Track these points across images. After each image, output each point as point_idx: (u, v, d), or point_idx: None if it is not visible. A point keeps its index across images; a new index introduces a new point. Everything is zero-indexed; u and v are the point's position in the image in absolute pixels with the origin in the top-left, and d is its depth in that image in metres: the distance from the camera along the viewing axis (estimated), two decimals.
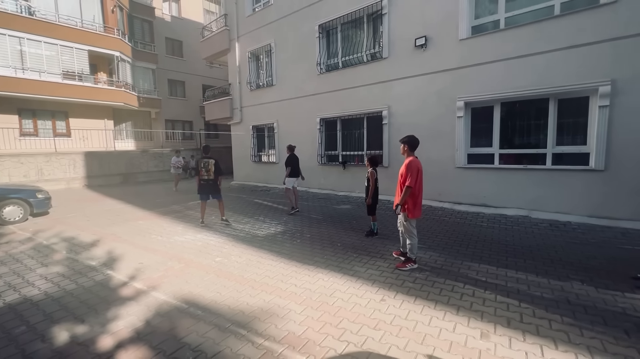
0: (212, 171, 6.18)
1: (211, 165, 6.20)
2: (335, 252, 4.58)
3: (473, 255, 4.32)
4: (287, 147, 7.44)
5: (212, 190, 6.29)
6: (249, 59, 12.14)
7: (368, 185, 5.37)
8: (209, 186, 6.26)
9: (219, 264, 4.19)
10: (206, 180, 6.24)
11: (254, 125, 12.30)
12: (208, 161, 6.23)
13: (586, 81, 5.57)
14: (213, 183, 6.24)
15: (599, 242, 4.79)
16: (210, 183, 6.24)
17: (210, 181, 6.22)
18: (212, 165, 6.20)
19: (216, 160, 6.30)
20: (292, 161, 7.29)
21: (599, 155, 5.53)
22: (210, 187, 6.26)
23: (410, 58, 7.71)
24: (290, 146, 7.43)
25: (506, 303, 3.01)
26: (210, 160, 6.23)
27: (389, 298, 3.17)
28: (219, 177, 6.28)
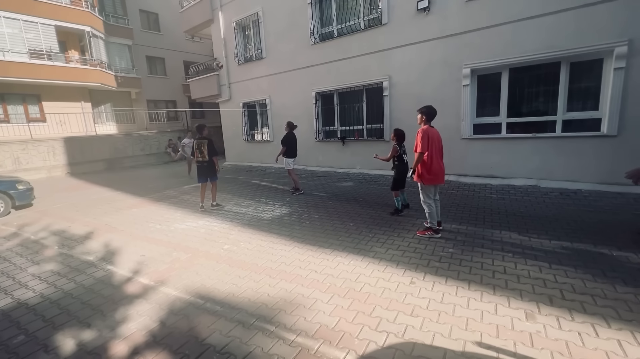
0: (206, 152, 5.79)
1: (204, 146, 5.80)
2: (349, 233, 4.37)
3: (492, 229, 4.18)
4: (287, 124, 7.01)
5: (209, 172, 5.95)
6: (235, 31, 11.29)
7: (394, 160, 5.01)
8: (204, 168, 5.93)
9: (228, 252, 3.92)
10: (201, 162, 5.88)
11: (244, 102, 11.67)
12: (202, 142, 5.83)
13: (601, 42, 5.28)
14: (208, 165, 5.88)
15: (613, 209, 4.73)
16: (205, 165, 5.88)
17: (205, 162, 5.85)
18: (205, 146, 5.80)
19: (210, 140, 5.88)
20: (289, 140, 6.91)
21: (611, 120, 5.36)
22: (206, 169, 5.92)
23: (411, 23, 7.22)
24: (289, 123, 7.00)
25: (542, 279, 2.88)
26: (203, 141, 5.82)
27: (418, 280, 2.99)
28: (214, 157, 5.90)
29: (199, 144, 5.84)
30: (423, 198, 4.10)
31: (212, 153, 5.88)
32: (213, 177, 6.03)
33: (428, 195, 4.05)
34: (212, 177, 6.01)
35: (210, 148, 5.85)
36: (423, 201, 4.10)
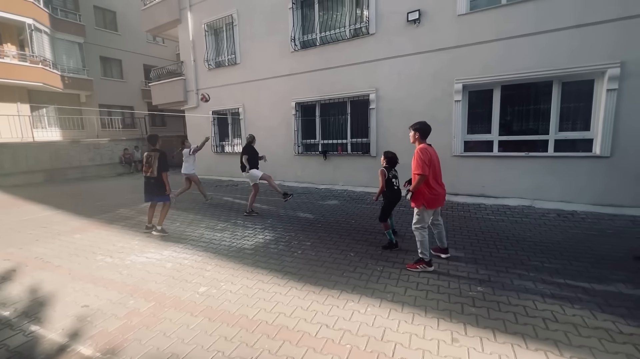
0: (155, 167, 4.83)
1: (154, 160, 4.85)
2: (353, 266, 3.68)
3: (510, 260, 3.73)
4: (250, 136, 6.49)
5: (156, 190, 4.94)
6: (205, 33, 10.39)
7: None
8: (151, 185, 4.93)
9: (205, 298, 3.04)
10: (148, 178, 4.92)
11: (214, 110, 10.68)
12: (151, 154, 4.88)
13: (593, 63, 5.28)
14: (156, 182, 4.89)
15: (616, 233, 4.55)
16: (152, 182, 4.90)
17: (153, 179, 4.88)
18: (155, 160, 4.85)
19: (162, 153, 4.93)
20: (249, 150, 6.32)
21: (604, 141, 5.33)
22: (153, 186, 4.92)
23: (401, 35, 6.93)
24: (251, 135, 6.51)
25: (609, 330, 2.40)
26: (154, 153, 4.88)
27: (460, 336, 2.38)
28: (163, 173, 4.90)
29: (148, 157, 4.89)
30: (416, 223, 3.47)
31: (162, 168, 4.92)
32: (161, 197, 4.99)
33: (424, 220, 3.44)
34: (160, 196, 4.98)
35: (161, 162, 4.90)
36: (415, 227, 3.47)
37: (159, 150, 4.94)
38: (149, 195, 5.01)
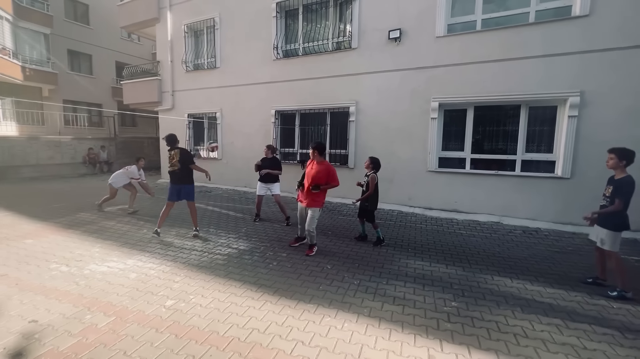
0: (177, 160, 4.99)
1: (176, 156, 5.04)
2: (330, 279, 3.62)
3: (482, 275, 3.83)
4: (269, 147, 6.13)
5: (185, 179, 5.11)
6: (185, 34, 10.13)
7: (366, 189, 4.73)
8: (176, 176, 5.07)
9: (173, 312, 2.84)
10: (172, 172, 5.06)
11: (190, 113, 10.35)
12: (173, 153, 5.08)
13: (557, 90, 5.69)
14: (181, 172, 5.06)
15: (576, 250, 4.84)
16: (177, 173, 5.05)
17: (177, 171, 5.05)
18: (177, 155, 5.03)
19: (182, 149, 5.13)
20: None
21: (565, 164, 5.71)
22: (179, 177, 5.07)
23: (382, 51, 7.12)
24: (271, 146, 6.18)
25: (574, 345, 2.49)
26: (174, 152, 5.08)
27: (437, 352, 2.37)
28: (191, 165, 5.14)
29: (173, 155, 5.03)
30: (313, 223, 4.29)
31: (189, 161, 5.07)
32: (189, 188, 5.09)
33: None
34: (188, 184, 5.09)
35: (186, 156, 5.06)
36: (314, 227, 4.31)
37: (179, 148, 5.06)
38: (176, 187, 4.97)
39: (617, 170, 3.38)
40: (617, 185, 3.29)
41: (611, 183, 3.41)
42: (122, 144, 15.17)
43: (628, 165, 3.33)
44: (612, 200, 3.29)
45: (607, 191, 3.43)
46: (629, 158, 3.30)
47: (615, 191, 3.28)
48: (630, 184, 3.22)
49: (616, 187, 3.30)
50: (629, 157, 3.30)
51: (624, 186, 3.23)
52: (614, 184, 3.35)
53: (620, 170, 3.35)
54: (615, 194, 3.28)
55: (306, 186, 4.34)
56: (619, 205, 3.21)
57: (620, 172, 3.35)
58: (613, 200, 3.28)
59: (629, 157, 3.30)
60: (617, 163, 3.33)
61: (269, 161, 6.00)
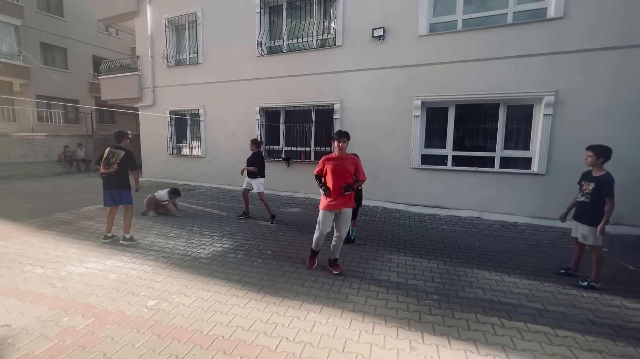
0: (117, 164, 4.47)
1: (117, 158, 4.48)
2: (315, 276, 3.64)
3: (462, 268, 3.95)
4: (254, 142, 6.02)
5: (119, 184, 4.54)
6: (166, 29, 9.87)
7: None
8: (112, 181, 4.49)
9: (155, 312, 2.79)
10: (108, 175, 4.47)
11: (172, 110, 10.12)
12: (114, 152, 4.50)
13: (533, 90, 5.90)
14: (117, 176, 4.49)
15: (550, 243, 5.05)
16: (113, 176, 4.47)
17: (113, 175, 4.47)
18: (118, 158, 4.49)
19: (127, 152, 4.58)
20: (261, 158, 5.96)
21: (541, 160, 5.94)
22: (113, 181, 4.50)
23: (366, 49, 7.17)
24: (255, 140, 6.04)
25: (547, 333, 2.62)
26: (117, 152, 4.52)
27: (419, 344, 2.44)
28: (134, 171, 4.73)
29: (110, 154, 4.49)
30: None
31: (131, 167, 4.61)
32: (124, 194, 4.58)
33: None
34: (123, 190, 4.55)
35: (128, 161, 4.55)
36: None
37: (124, 149, 4.56)
38: (109, 193, 4.51)
39: (595, 167, 3.48)
40: (600, 184, 3.35)
41: (591, 180, 3.46)
42: (101, 141, 14.67)
43: (605, 162, 3.44)
44: (594, 196, 3.38)
45: (587, 187, 3.49)
46: (607, 156, 3.42)
47: (600, 191, 3.35)
48: (613, 181, 3.32)
49: (599, 186, 3.36)
50: (607, 154, 3.42)
51: (609, 185, 3.31)
52: (595, 182, 3.41)
53: (598, 167, 3.45)
54: (601, 193, 3.34)
55: (338, 187, 3.50)
56: (612, 204, 3.29)
57: (599, 170, 3.45)
58: (595, 196, 3.38)
59: (606, 154, 3.42)
60: (595, 160, 3.43)
61: (252, 156, 5.90)
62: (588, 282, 3.42)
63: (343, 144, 3.50)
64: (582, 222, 3.52)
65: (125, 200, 4.57)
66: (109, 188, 4.49)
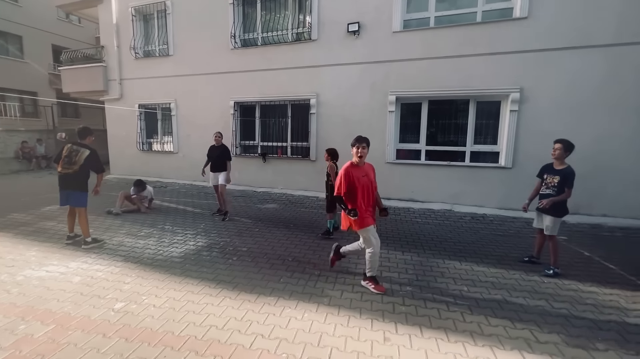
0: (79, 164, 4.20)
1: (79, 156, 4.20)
2: (291, 271, 3.63)
3: (434, 259, 4.09)
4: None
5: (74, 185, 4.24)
6: (132, 18, 9.36)
7: (328, 180, 4.78)
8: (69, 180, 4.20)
9: (122, 315, 2.67)
10: (65, 175, 4.19)
11: (141, 103, 9.66)
12: (76, 149, 4.23)
13: (500, 87, 6.14)
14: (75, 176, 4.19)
15: (516, 233, 5.33)
16: (71, 176, 4.18)
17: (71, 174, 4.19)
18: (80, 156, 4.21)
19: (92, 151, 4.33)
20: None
21: (507, 155, 6.22)
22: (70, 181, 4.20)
23: (342, 44, 7.16)
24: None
25: (512, 319, 2.76)
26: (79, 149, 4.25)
27: (392, 334, 2.50)
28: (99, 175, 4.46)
29: (70, 151, 4.20)
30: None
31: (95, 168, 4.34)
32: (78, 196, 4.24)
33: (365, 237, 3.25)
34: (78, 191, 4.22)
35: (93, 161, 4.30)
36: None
37: (88, 147, 4.27)
38: (64, 193, 4.23)
39: (559, 160, 3.65)
40: (566, 176, 3.55)
41: (555, 173, 3.64)
42: None
43: (568, 156, 3.65)
44: (560, 189, 3.57)
45: (552, 180, 3.67)
46: (571, 150, 3.61)
47: (564, 182, 3.54)
48: (574, 174, 3.55)
49: (563, 177, 3.55)
50: (571, 149, 3.61)
51: (571, 177, 3.53)
52: (560, 175, 3.59)
53: (562, 160, 3.65)
54: (564, 184, 3.54)
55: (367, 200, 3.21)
56: (569, 194, 3.51)
57: (562, 163, 3.65)
58: (560, 188, 3.57)
59: (571, 149, 3.61)
60: (563, 153, 3.62)
61: (219, 150, 5.86)
62: (552, 270, 3.63)
63: (363, 150, 3.12)
64: (549, 214, 3.67)
65: (79, 202, 4.25)
66: (65, 189, 4.21)
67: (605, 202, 5.73)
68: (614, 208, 5.70)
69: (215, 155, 5.84)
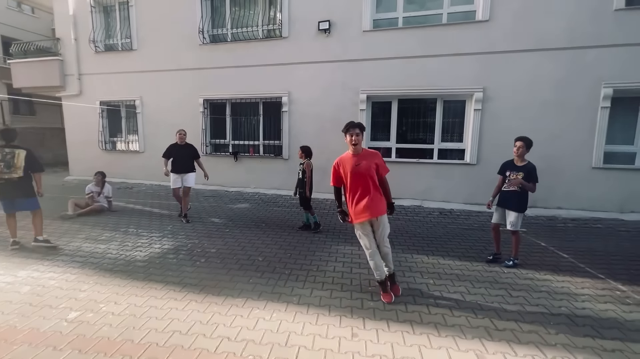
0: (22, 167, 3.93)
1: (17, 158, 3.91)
2: (261, 271, 3.58)
3: (404, 254, 4.19)
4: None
5: (20, 193, 3.97)
6: (92, 9, 8.82)
7: (303, 178, 4.87)
8: (13, 187, 3.91)
9: (76, 325, 2.50)
10: (7, 181, 3.89)
11: (103, 100, 9.13)
12: (11, 152, 3.92)
13: (465, 86, 6.40)
14: (20, 182, 3.94)
15: (480, 227, 5.58)
16: (16, 182, 3.91)
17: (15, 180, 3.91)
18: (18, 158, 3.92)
19: (29, 151, 4.05)
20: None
21: (472, 152, 6.50)
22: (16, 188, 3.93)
23: (313, 42, 7.15)
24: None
25: (474, 308, 2.87)
26: (16, 151, 3.94)
27: (360, 330, 2.52)
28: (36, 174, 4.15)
29: (5, 155, 3.89)
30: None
31: (35, 168, 4.08)
32: (28, 201, 4.03)
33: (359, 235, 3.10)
34: (27, 198, 4.00)
35: (32, 162, 4.03)
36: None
37: (23, 147, 3.97)
38: (10, 202, 3.93)
39: (520, 157, 3.77)
40: (530, 172, 3.69)
41: (518, 170, 3.74)
42: None
43: (527, 153, 3.79)
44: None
45: (515, 177, 3.75)
46: (531, 146, 3.75)
47: (529, 177, 3.67)
48: (536, 168, 3.71)
49: (527, 173, 3.68)
50: (531, 145, 3.75)
51: (534, 172, 3.68)
52: (524, 171, 3.70)
53: (522, 157, 3.78)
54: (529, 179, 3.66)
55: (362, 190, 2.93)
56: (534, 188, 3.66)
57: (523, 160, 3.79)
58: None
59: (531, 145, 3.75)
60: (525, 151, 3.75)
61: (184, 149, 5.54)
62: (512, 261, 3.81)
63: (357, 137, 2.86)
64: (513, 210, 3.76)
65: (31, 206, 4.03)
66: (10, 197, 3.91)
67: (559, 196, 6.13)
68: (567, 201, 6.12)
69: (181, 154, 5.51)
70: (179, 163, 5.50)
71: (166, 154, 5.55)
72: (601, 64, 5.76)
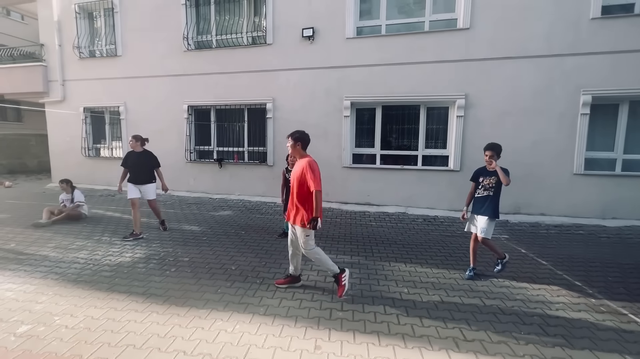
0: None
1: None
2: (232, 280, 3.47)
3: (382, 261, 4.11)
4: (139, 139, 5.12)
5: None
6: (77, 15, 8.76)
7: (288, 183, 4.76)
8: None
9: (25, 339, 2.37)
10: None
11: (87, 106, 9.02)
12: None
13: (447, 93, 6.42)
14: None
15: (463, 234, 5.47)
16: None
17: None
18: None
19: None
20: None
21: (456, 158, 6.49)
22: None
23: (297, 49, 7.15)
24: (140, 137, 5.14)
25: (444, 318, 2.79)
26: None
27: (324, 342, 2.42)
28: None
29: None
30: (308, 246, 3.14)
31: None
32: None
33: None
34: None
35: None
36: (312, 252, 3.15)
37: None
38: None
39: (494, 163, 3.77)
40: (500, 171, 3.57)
41: (491, 174, 3.65)
42: (1, 143, 12.54)
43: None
44: (497, 188, 3.60)
45: (489, 182, 3.68)
46: (500, 152, 3.71)
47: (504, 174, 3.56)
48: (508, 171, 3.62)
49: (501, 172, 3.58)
50: (500, 151, 3.71)
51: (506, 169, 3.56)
52: (496, 175, 3.58)
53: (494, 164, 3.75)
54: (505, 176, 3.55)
55: (291, 197, 3.22)
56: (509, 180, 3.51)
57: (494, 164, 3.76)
58: (497, 188, 3.60)
59: (500, 151, 3.69)
60: (496, 158, 3.71)
61: (140, 157, 4.96)
62: (500, 263, 3.73)
63: (288, 145, 3.13)
64: (485, 215, 3.66)
65: None
66: None
67: (542, 202, 6.13)
68: (549, 207, 6.11)
69: (135, 163, 4.93)
70: (134, 172, 4.96)
71: (123, 163, 5.03)
72: (580, 71, 5.82)
